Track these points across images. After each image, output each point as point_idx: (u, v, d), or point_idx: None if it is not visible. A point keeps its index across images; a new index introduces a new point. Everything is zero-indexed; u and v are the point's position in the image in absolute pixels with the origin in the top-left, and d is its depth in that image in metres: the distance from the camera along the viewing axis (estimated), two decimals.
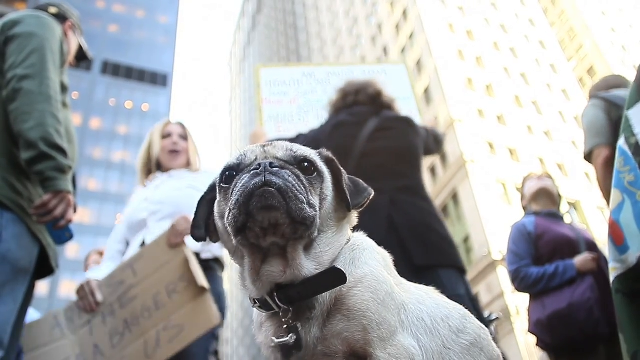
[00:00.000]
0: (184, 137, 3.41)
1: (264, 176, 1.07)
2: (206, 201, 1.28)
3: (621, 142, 1.97)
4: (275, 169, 1.10)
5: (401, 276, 1.32)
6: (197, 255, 2.87)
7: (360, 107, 3.21)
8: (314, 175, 1.17)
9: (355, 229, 1.34)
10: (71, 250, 45.53)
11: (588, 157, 3.07)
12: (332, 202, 1.22)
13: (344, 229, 1.25)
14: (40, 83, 2.22)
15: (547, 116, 42.74)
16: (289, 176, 1.10)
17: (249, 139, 3.88)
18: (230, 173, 1.17)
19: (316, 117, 4.32)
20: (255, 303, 1.19)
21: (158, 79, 61.03)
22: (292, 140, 3.26)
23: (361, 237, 1.30)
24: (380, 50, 51.07)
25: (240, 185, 1.09)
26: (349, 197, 1.21)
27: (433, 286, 1.37)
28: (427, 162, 39.22)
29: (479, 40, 44.96)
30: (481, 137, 37.33)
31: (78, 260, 44.01)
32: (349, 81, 3.40)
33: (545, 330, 3.32)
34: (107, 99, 57.29)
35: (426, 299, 1.26)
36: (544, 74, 46.44)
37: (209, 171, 3.31)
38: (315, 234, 1.14)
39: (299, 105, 4.38)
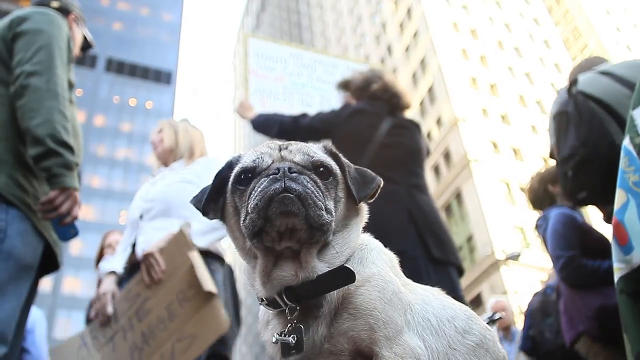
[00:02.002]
0: (158, 132, 3.46)
1: (284, 182, 1.07)
2: (221, 177, 1.26)
3: (626, 142, 1.96)
4: (294, 174, 1.10)
5: (419, 267, 1.32)
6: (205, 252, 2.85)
7: (379, 101, 3.28)
8: (330, 180, 1.17)
9: (373, 214, 1.33)
10: (75, 247, 45.66)
11: (552, 155, 2.93)
12: (345, 201, 1.22)
13: (356, 228, 1.25)
14: (48, 80, 2.22)
15: None
16: (308, 182, 1.10)
17: (236, 109, 3.90)
18: (246, 175, 1.17)
19: (300, 101, 4.35)
20: (262, 301, 1.19)
21: (162, 77, 61.13)
22: (297, 117, 3.32)
23: (368, 238, 1.30)
24: (384, 49, 50.99)
25: (259, 189, 1.09)
26: (354, 192, 1.20)
27: (445, 281, 1.37)
28: (430, 161, 39.23)
29: (483, 40, 44.84)
30: (485, 137, 37.25)
31: (82, 257, 44.16)
32: (375, 71, 3.47)
33: (612, 318, 3.11)
34: (111, 96, 57.41)
35: (432, 299, 1.26)
36: (548, 74, 46.29)
37: (202, 160, 3.26)
38: (330, 237, 1.15)
39: (285, 85, 4.39)
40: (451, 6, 45.64)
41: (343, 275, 1.11)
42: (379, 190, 1.28)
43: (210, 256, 2.91)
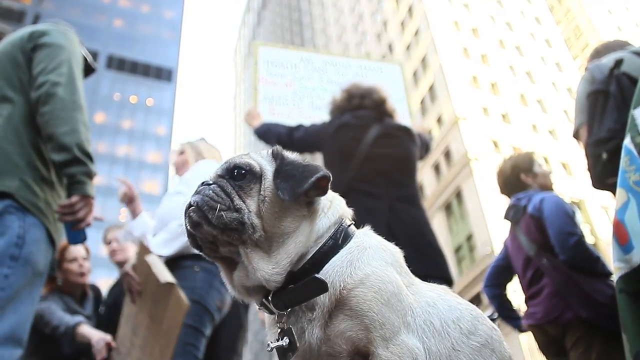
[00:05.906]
0: (180, 153, 3.54)
1: (190, 199, 1.21)
2: None
3: (627, 142, 1.96)
4: (203, 187, 1.21)
5: None
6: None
7: (365, 111, 3.23)
8: (245, 180, 1.21)
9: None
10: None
11: (576, 135, 2.90)
12: (276, 199, 1.20)
13: (307, 224, 1.21)
14: (72, 92, 2.32)
15: (552, 115, 42.55)
16: (210, 190, 1.19)
17: (244, 117, 3.92)
18: None
19: (310, 105, 4.33)
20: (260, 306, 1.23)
21: (163, 74, 61.05)
22: (291, 130, 3.31)
23: (362, 237, 1.27)
24: (385, 48, 50.93)
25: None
26: (278, 189, 1.18)
27: None
28: (430, 159, 39.22)
29: (485, 38, 44.77)
30: (486, 135, 37.21)
31: None
32: (355, 84, 3.41)
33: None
34: (112, 93, 57.33)
35: (438, 300, 1.25)
36: (550, 73, 46.21)
37: (192, 168, 3.29)
38: (258, 235, 1.16)
39: (295, 90, 4.38)
40: (452, 5, 45.55)
41: (315, 286, 1.12)
42: (360, 196, 1.30)
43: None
